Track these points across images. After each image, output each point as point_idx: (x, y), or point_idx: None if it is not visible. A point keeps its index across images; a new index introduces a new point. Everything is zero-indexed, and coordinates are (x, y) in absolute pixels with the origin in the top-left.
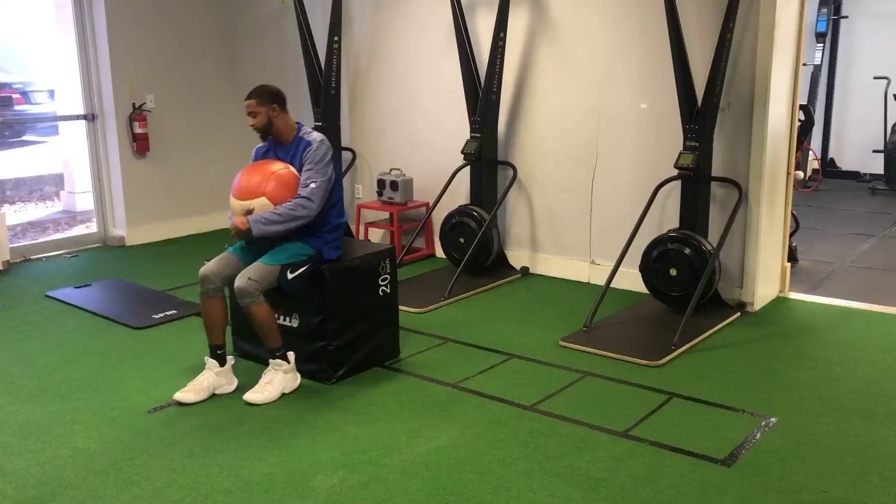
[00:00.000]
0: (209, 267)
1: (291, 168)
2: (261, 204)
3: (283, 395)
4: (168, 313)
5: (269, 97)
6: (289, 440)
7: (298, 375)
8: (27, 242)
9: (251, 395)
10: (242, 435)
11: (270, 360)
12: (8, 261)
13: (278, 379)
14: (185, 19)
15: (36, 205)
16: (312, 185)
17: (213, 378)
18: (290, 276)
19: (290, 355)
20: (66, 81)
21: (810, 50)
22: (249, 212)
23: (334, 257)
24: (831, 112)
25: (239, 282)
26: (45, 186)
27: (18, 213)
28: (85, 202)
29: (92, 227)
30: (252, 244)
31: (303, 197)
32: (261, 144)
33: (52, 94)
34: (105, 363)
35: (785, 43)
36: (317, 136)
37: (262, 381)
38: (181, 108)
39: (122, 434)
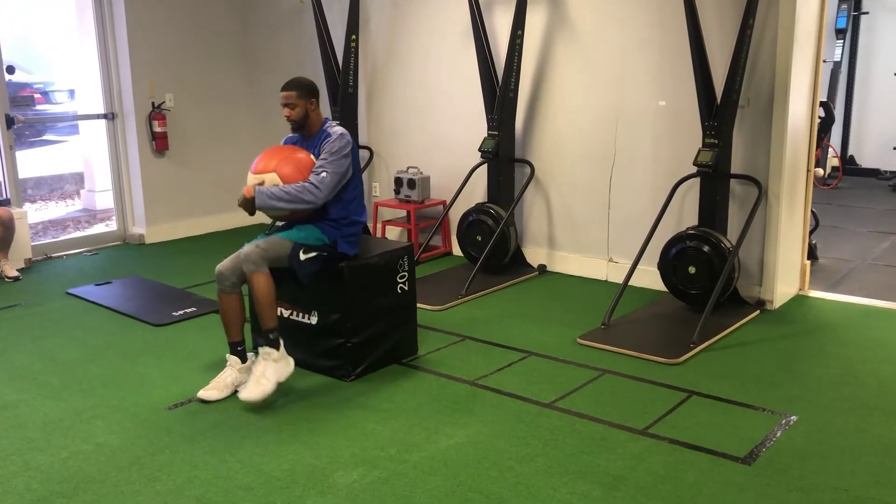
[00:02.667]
0: (224, 263)
1: (313, 157)
2: (271, 179)
3: (280, 384)
4: (187, 310)
5: (308, 91)
6: (308, 436)
7: (291, 360)
8: (48, 240)
9: (247, 393)
10: (262, 431)
11: (259, 349)
12: (30, 259)
13: (271, 369)
14: (203, 19)
15: (56, 203)
16: (324, 174)
17: (235, 375)
18: (303, 256)
19: (281, 341)
20: (87, 81)
21: (830, 46)
22: (260, 185)
23: (349, 253)
24: (851, 109)
25: (246, 247)
26: (65, 185)
27: (39, 212)
28: (105, 200)
29: (112, 226)
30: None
31: (312, 183)
32: (290, 135)
33: (72, 93)
34: (126, 360)
35: (805, 39)
36: (338, 130)
37: (254, 375)
38: (200, 107)
39: (144, 430)
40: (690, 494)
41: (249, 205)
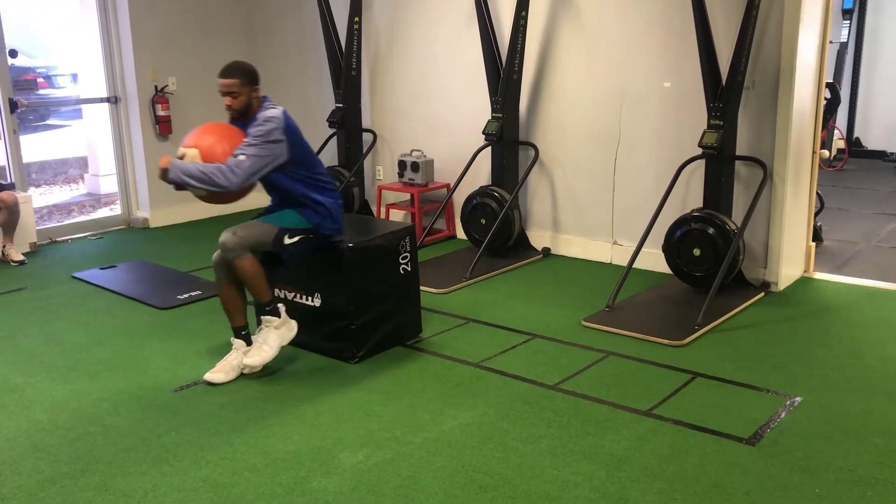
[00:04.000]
0: (218, 254)
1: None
2: (191, 155)
3: (283, 347)
4: (192, 294)
5: (252, 77)
6: (313, 418)
7: (294, 323)
8: (53, 225)
9: (249, 360)
10: (268, 413)
11: (262, 318)
12: (35, 243)
13: (272, 336)
14: (206, 1)
15: (61, 188)
16: (242, 156)
17: (240, 357)
18: (287, 240)
19: (281, 308)
20: (90, 65)
21: (837, 27)
22: (181, 158)
23: (333, 229)
24: (857, 90)
25: (223, 236)
26: (69, 169)
27: (44, 196)
28: (109, 185)
29: (116, 210)
30: None
31: (227, 166)
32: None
33: (75, 77)
34: (131, 343)
35: (811, 20)
36: (266, 113)
37: (257, 343)
38: (203, 90)
39: (150, 412)
40: (695, 475)
41: (163, 175)
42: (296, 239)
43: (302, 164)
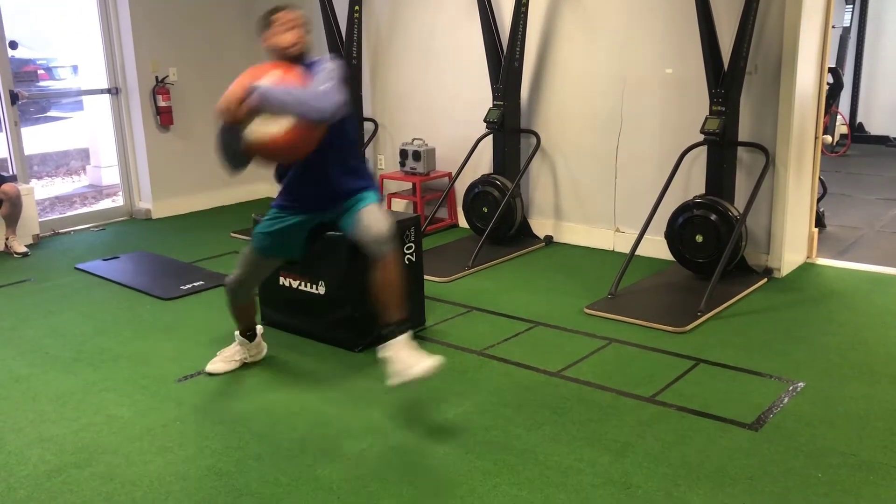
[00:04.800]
0: (234, 279)
1: None
2: (268, 80)
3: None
4: (195, 284)
5: None
6: (318, 406)
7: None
8: (55, 216)
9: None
10: (272, 402)
11: (405, 337)
12: (37, 235)
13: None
14: None
15: (63, 179)
16: (330, 84)
17: (243, 350)
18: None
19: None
20: (90, 56)
21: (839, 11)
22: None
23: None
24: (860, 75)
25: (380, 227)
26: (71, 161)
27: (46, 188)
28: (111, 176)
29: (118, 201)
30: (283, 244)
31: (314, 92)
32: None
33: (75, 69)
34: (135, 334)
35: (813, 4)
36: (327, 57)
37: (403, 360)
38: (204, 81)
39: (154, 402)
40: (698, 460)
41: (235, 108)
42: None
43: (353, 123)
